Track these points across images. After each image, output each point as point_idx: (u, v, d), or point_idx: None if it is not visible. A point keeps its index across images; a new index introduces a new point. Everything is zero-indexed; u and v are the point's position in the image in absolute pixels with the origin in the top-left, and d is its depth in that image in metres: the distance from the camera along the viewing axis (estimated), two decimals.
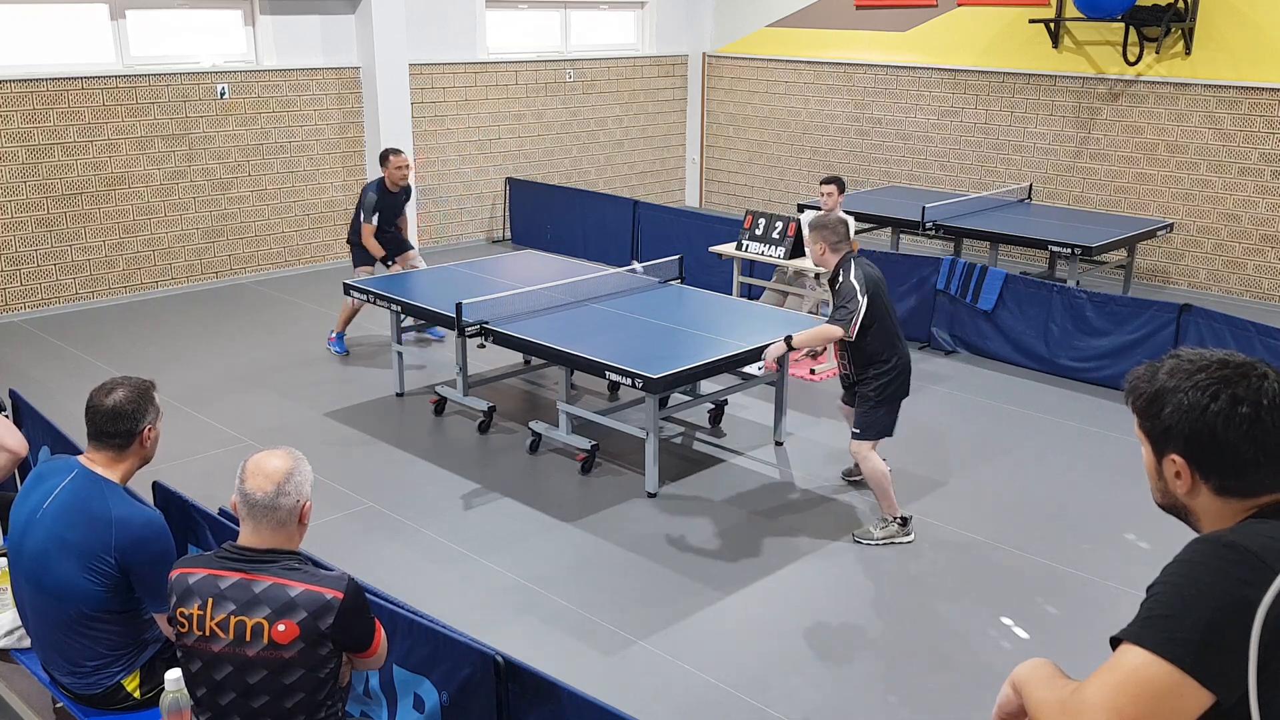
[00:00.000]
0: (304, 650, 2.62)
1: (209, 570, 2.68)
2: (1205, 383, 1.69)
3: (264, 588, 2.64)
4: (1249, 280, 9.82)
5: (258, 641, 2.61)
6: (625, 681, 4.26)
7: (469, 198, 11.81)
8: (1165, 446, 1.73)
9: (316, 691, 2.70)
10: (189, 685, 2.71)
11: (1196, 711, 1.52)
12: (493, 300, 6.49)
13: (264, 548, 2.71)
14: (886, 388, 5.26)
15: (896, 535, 5.38)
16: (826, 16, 12.40)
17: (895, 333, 5.29)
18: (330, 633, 2.64)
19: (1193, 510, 1.75)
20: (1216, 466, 1.68)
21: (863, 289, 5.14)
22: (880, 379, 5.25)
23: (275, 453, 2.77)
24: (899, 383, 5.29)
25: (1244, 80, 9.50)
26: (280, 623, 2.60)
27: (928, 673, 4.35)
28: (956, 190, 11.29)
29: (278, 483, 2.70)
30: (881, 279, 5.29)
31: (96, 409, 3.19)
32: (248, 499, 2.70)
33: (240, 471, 2.74)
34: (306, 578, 2.67)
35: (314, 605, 2.62)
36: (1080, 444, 6.63)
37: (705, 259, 9.10)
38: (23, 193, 8.81)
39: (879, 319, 5.19)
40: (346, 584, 2.68)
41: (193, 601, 2.65)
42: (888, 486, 5.33)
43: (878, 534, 5.38)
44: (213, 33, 9.80)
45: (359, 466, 6.22)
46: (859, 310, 5.13)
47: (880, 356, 5.24)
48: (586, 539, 5.41)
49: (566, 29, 12.57)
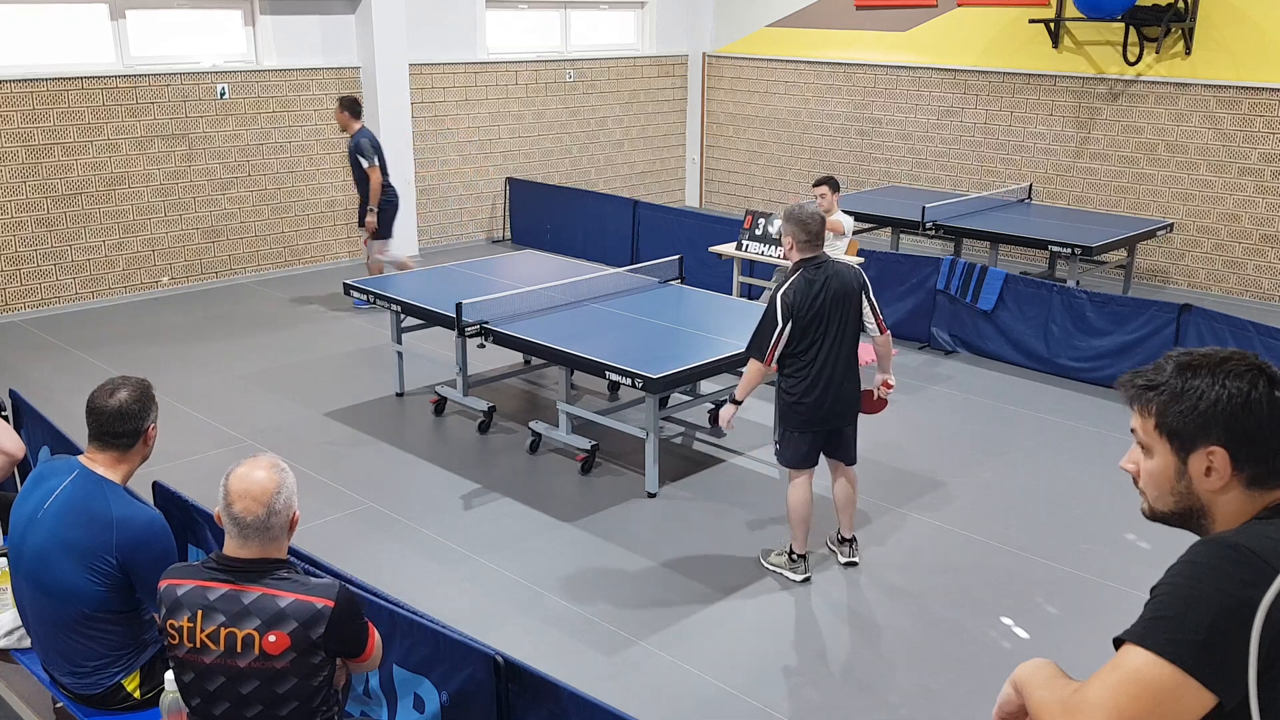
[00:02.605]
0: (296, 660, 2.61)
1: (196, 582, 2.66)
2: (1239, 370, 1.67)
3: (253, 599, 2.62)
4: (1249, 280, 9.82)
5: (249, 653, 2.59)
6: (625, 681, 4.26)
7: (469, 198, 11.81)
8: (1200, 440, 1.67)
9: (311, 699, 2.69)
10: (183, 695, 2.70)
11: (1198, 713, 1.52)
12: (493, 300, 6.49)
13: (252, 558, 2.68)
14: (789, 415, 4.86)
15: (783, 568, 5.06)
16: (826, 16, 12.40)
17: (815, 360, 4.72)
18: (322, 641, 2.63)
19: (1212, 509, 1.71)
20: (1256, 454, 1.66)
21: (786, 311, 4.65)
22: (783, 404, 4.87)
23: (258, 465, 2.71)
24: (804, 414, 4.79)
25: (1244, 80, 9.50)
26: (271, 634, 2.59)
27: (928, 673, 4.35)
28: (956, 190, 11.29)
29: (267, 504, 2.66)
30: (823, 296, 4.68)
31: (101, 410, 3.19)
32: (238, 522, 2.65)
33: (224, 492, 2.67)
34: (296, 587, 2.65)
35: (305, 615, 2.61)
36: (1080, 444, 6.63)
37: (705, 259, 9.10)
38: (23, 193, 8.80)
39: (801, 344, 4.71)
40: (338, 592, 2.66)
41: (182, 614, 2.63)
42: (797, 520, 4.96)
43: (772, 559, 5.14)
44: (213, 33, 9.80)
45: (359, 466, 6.22)
46: (776, 333, 4.66)
47: (789, 383, 4.80)
48: (586, 539, 5.41)
49: (566, 29, 12.56)
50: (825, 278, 4.72)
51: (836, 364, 4.77)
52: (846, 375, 4.84)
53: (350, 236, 10.90)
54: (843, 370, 4.81)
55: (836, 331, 4.75)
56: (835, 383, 4.79)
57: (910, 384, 7.60)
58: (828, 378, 4.77)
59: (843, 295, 4.75)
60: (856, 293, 4.81)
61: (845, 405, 4.88)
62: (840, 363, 4.79)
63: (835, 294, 4.72)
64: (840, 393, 4.82)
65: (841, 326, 4.76)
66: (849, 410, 4.93)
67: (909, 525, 5.59)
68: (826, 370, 4.76)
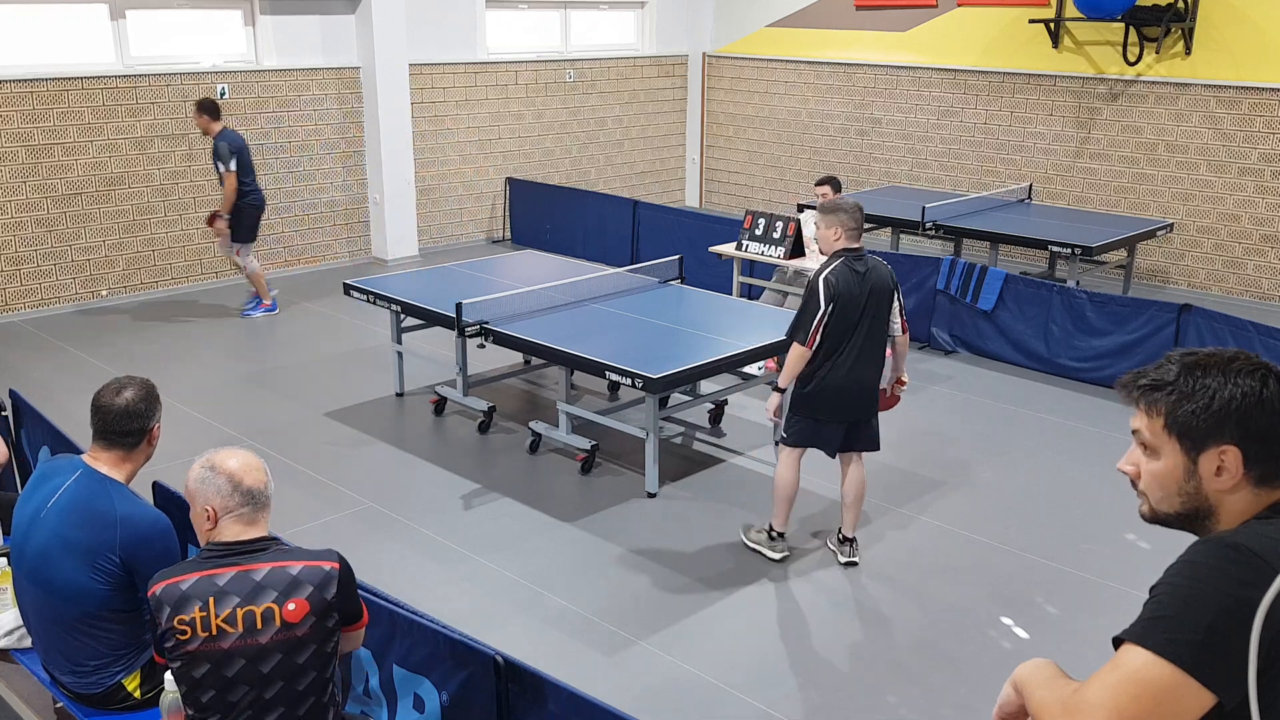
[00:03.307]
0: (315, 624, 2.70)
1: (200, 573, 2.69)
2: (1248, 369, 1.68)
3: (264, 574, 2.69)
4: (1249, 280, 9.82)
5: (270, 627, 2.65)
6: (625, 681, 4.26)
7: (469, 198, 11.81)
8: (1212, 439, 1.67)
9: (324, 669, 2.76)
10: (196, 690, 2.69)
11: (1198, 712, 1.52)
12: (493, 300, 6.49)
13: (255, 538, 2.78)
14: (804, 399, 4.90)
15: (763, 545, 5.19)
16: (826, 16, 12.40)
17: (842, 350, 4.80)
18: (335, 602, 2.73)
19: (1219, 509, 1.70)
20: (1268, 452, 1.66)
21: (830, 294, 4.71)
22: (802, 387, 4.90)
23: (230, 452, 2.84)
24: (818, 401, 4.87)
25: (1244, 80, 9.50)
26: (290, 602, 2.67)
27: (928, 673, 4.35)
28: (956, 190, 11.29)
29: (267, 473, 2.85)
30: (861, 288, 4.77)
31: (108, 409, 3.19)
32: (253, 496, 2.79)
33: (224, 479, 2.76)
34: (300, 555, 2.76)
35: (317, 578, 2.71)
36: (1080, 444, 6.63)
37: (705, 259, 9.10)
38: (23, 193, 8.80)
39: (834, 331, 4.77)
40: (337, 555, 2.80)
41: (191, 606, 2.64)
42: (781, 498, 5.07)
43: (752, 535, 5.27)
44: (213, 33, 9.80)
45: (359, 466, 6.22)
46: (819, 316, 4.72)
47: (813, 367, 4.84)
48: (586, 539, 5.41)
49: (566, 29, 12.56)
50: (866, 269, 4.80)
51: (863, 355, 4.84)
52: (871, 368, 4.91)
53: (350, 236, 10.91)
54: (868, 363, 4.88)
55: (869, 324, 4.82)
56: (859, 375, 4.86)
57: (910, 384, 7.56)
58: (851, 369, 4.83)
59: (880, 290, 4.83)
60: (890, 290, 4.89)
61: (868, 398, 4.96)
62: (867, 355, 4.86)
63: (874, 287, 4.81)
64: (864, 385, 4.90)
65: (874, 320, 4.84)
66: (871, 403, 5.00)
67: (909, 525, 5.59)
68: (852, 360, 4.82)
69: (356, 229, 10.96)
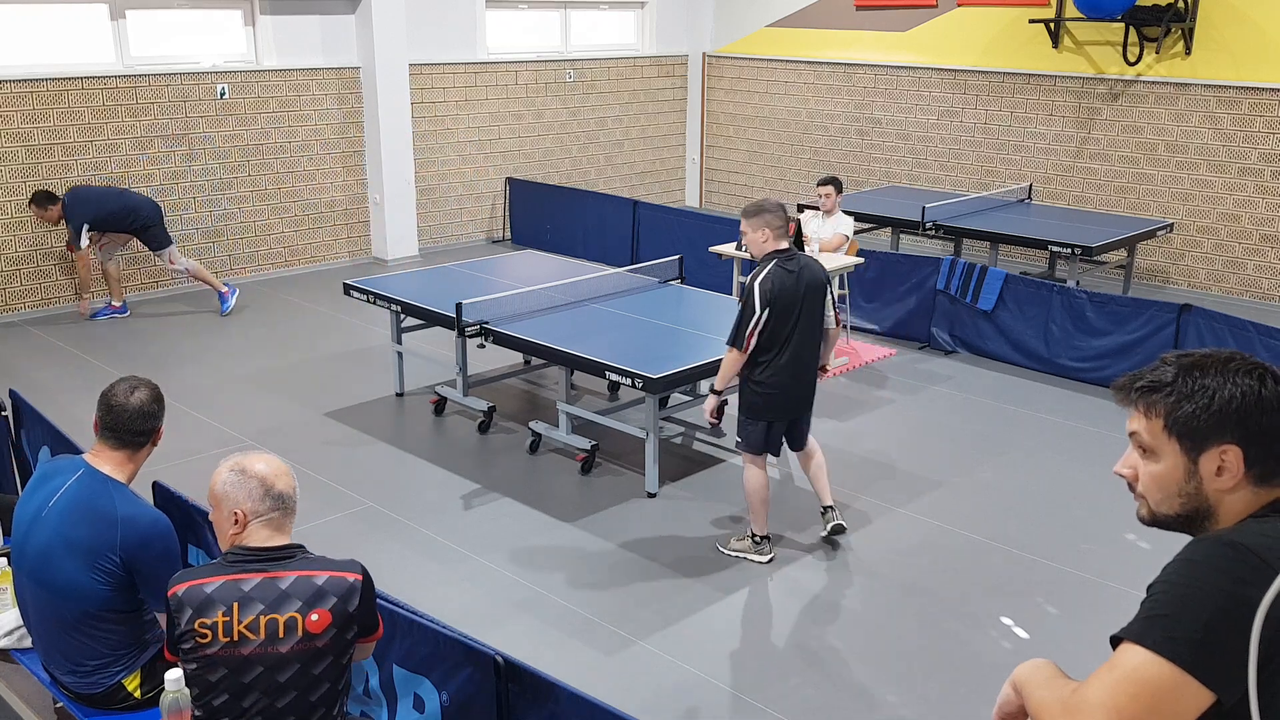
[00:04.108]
0: (335, 636, 2.67)
1: (226, 577, 2.66)
2: (1246, 368, 1.68)
3: (290, 582, 2.66)
4: (1249, 280, 9.82)
5: (291, 636, 2.63)
6: (625, 681, 4.26)
7: (469, 198, 11.81)
8: (1212, 439, 1.67)
9: (338, 680, 2.74)
10: (208, 694, 2.68)
11: (1197, 711, 1.52)
12: (493, 300, 6.49)
13: (282, 545, 2.74)
14: (753, 403, 4.95)
15: (749, 552, 5.17)
16: (826, 16, 12.40)
17: (783, 350, 4.85)
18: (357, 614, 2.70)
19: (1218, 509, 1.70)
20: (1268, 451, 1.66)
21: (765, 299, 4.75)
22: (748, 392, 4.96)
23: (259, 455, 2.82)
24: (768, 403, 4.92)
25: (1244, 80, 9.50)
26: (314, 612, 2.64)
27: (928, 673, 4.35)
28: (956, 190, 11.29)
29: (293, 475, 2.83)
30: (796, 288, 4.81)
31: (122, 408, 3.19)
32: (284, 500, 2.76)
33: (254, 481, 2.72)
34: (326, 565, 2.73)
35: (341, 590, 2.68)
36: (1080, 444, 6.63)
37: (705, 259, 9.10)
38: (23, 193, 8.80)
39: (773, 333, 4.81)
40: (360, 566, 2.76)
41: (214, 610, 2.61)
42: (757, 503, 5.10)
43: (734, 544, 5.24)
44: (213, 33, 9.80)
45: (359, 466, 6.22)
46: (754, 321, 4.76)
47: (756, 371, 4.89)
48: (586, 539, 5.41)
49: (566, 29, 12.57)
50: (799, 268, 4.87)
51: (803, 353, 4.93)
52: (810, 364, 5.03)
53: (350, 236, 10.91)
54: (807, 359, 4.98)
55: (806, 322, 4.90)
56: (801, 372, 4.96)
57: (910, 384, 7.61)
58: (795, 367, 4.91)
59: (814, 286, 4.91)
60: (824, 285, 4.98)
61: (808, 393, 5.10)
62: (806, 352, 4.96)
63: (808, 285, 4.88)
64: (805, 380, 5.03)
65: (810, 317, 4.92)
66: (812, 395, 5.13)
67: (909, 525, 5.59)
68: (794, 359, 4.90)
69: (356, 229, 10.96)
